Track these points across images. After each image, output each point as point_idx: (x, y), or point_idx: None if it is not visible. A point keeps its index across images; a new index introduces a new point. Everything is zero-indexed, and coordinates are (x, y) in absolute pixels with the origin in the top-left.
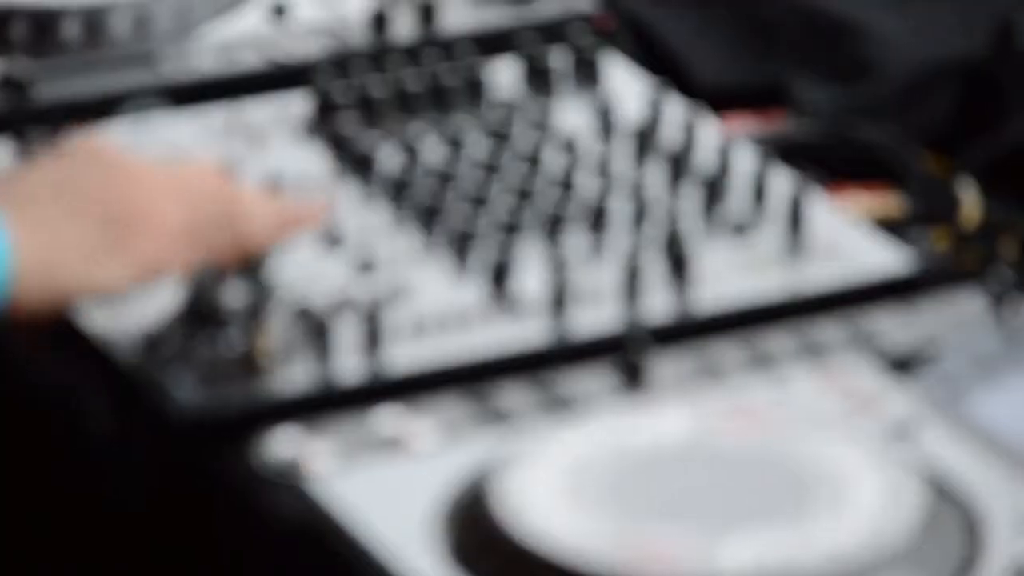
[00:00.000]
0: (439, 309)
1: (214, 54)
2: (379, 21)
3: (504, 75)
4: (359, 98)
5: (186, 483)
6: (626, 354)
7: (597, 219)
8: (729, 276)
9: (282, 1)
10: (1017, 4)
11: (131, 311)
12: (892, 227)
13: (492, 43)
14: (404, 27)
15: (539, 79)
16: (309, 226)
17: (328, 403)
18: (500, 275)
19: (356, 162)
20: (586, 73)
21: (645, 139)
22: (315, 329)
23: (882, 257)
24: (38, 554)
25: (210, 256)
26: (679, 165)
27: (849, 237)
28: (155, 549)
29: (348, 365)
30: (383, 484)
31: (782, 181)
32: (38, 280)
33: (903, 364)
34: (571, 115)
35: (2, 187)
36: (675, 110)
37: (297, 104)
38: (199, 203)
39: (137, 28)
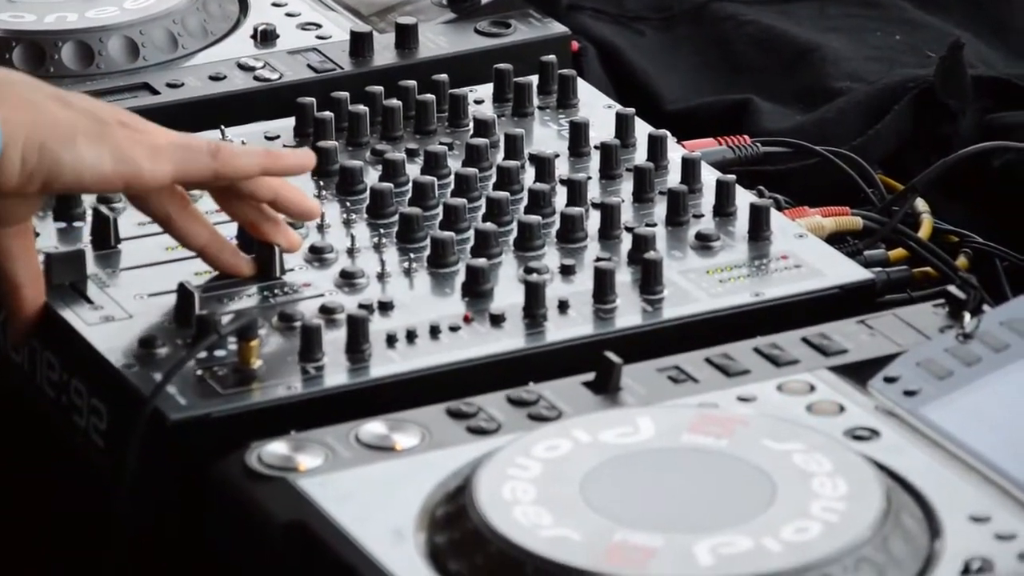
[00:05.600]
0: (420, 321)
1: (201, 78)
2: (360, 45)
3: (480, 97)
4: (341, 120)
5: (179, 490)
6: (599, 362)
7: (569, 234)
8: (696, 289)
9: (267, 26)
10: (964, 31)
11: (125, 321)
12: (852, 243)
13: (468, 66)
14: (384, 51)
15: (514, 101)
16: (291, 166)
17: (316, 410)
18: (478, 288)
19: (339, 182)
20: (559, 95)
21: (614, 159)
22: (303, 339)
23: (842, 271)
24: (30, 559)
25: (190, 177)
26: (646, 184)
27: (810, 253)
28: (148, 552)
29: (335, 374)
30: (369, 486)
31: (745, 201)
32: (17, 150)
33: (864, 373)
34: (544, 135)
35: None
36: (642, 132)
37: (280, 126)
38: (189, 135)
39: (128, 53)
